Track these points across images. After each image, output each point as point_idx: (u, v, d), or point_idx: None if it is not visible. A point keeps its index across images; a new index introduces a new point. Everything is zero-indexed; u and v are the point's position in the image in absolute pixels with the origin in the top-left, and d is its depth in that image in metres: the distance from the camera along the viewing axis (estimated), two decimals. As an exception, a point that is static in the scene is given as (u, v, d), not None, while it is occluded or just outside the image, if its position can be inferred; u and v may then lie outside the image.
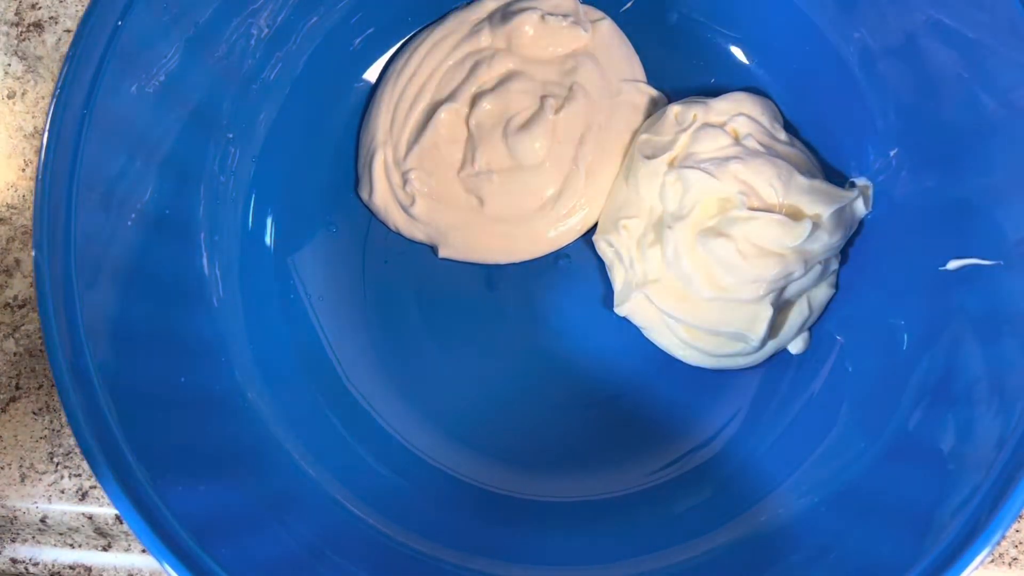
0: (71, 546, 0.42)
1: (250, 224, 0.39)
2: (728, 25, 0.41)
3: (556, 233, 0.40)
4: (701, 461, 0.38)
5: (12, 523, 0.41)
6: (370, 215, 0.41)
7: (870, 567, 0.30)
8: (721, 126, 0.38)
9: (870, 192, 0.37)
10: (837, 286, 0.38)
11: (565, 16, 0.40)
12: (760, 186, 0.36)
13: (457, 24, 0.41)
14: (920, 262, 0.35)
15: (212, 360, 0.36)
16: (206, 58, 0.35)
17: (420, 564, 0.35)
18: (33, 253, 0.29)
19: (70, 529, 0.41)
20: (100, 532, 0.41)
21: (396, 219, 0.40)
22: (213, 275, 0.37)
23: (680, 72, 0.41)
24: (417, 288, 0.40)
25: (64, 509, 0.41)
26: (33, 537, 0.42)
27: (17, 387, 0.42)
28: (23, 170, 0.43)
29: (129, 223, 0.33)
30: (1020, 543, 0.39)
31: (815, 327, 0.39)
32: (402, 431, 0.39)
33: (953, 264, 0.33)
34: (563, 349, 0.40)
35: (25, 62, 0.44)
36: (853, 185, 0.38)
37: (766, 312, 0.36)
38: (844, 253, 0.38)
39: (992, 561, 0.39)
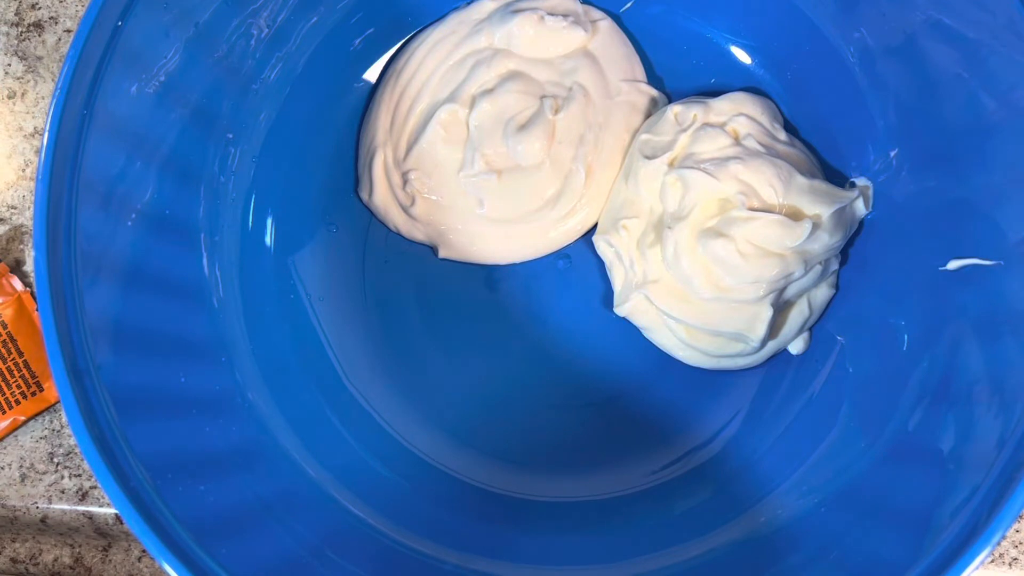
0: (71, 546, 0.42)
1: (250, 224, 0.39)
2: (728, 25, 0.41)
3: (556, 233, 0.40)
4: (701, 461, 0.38)
5: (12, 523, 0.41)
6: (370, 215, 0.41)
7: (870, 567, 0.30)
8: (721, 126, 0.38)
9: (870, 192, 0.37)
10: (837, 286, 0.38)
11: (565, 16, 0.40)
12: (760, 186, 0.36)
13: (457, 24, 0.41)
14: (920, 262, 0.35)
15: (212, 360, 0.35)
16: (206, 58, 0.35)
17: (420, 564, 0.35)
18: (33, 253, 0.29)
19: (70, 529, 0.41)
20: (100, 532, 0.41)
21: (396, 219, 0.40)
22: (213, 275, 0.37)
23: (680, 72, 0.42)
24: (417, 288, 0.40)
25: (64, 509, 0.41)
26: (33, 537, 0.42)
27: (17, 387, 0.42)
28: (23, 170, 0.43)
29: (129, 223, 0.33)
30: (1020, 543, 0.39)
31: (815, 327, 0.39)
32: (402, 431, 0.39)
33: (953, 264, 0.33)
34: (563, 349, 0.40)
35: (25, 62, 0.44)
36: (853, 185, 0.38)
37: (766, 313, 0.36)
38: (844, 253, 0.38)
39: (992, 561, 0.39)
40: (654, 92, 0.41)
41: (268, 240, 0.40)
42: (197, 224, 0.37)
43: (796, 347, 0.38)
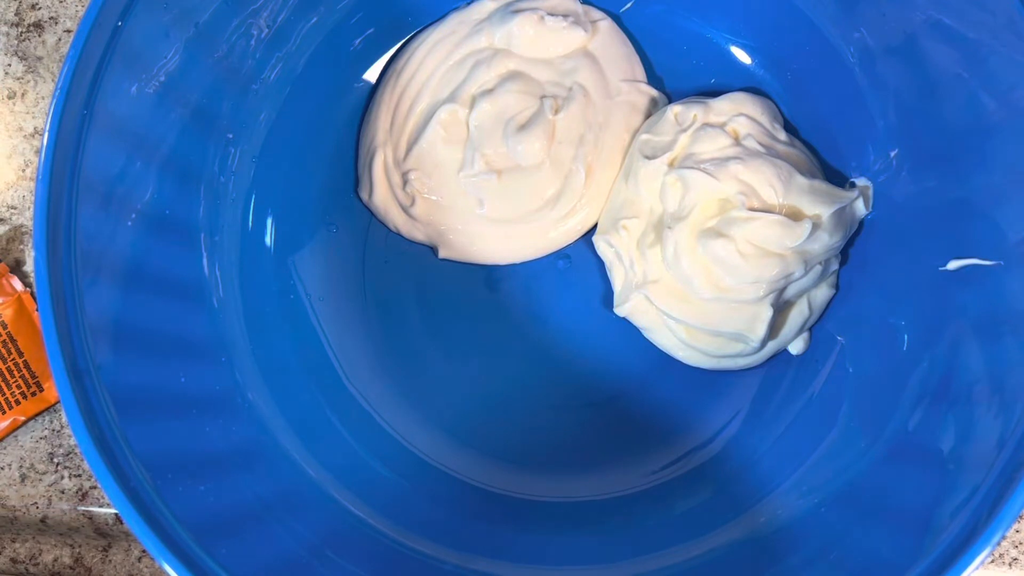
0: (71, 546, 0.42)
1: (250, 224, 0.39)
2: (728, 25, 0.41)
3: (556, 233, 0.40)
4: (701, 461, 0.38)
5: (12, 523, 0.41)
6: (370, 215, 0.41)
7: (870, 567, 0.30)
8: (721, 126, 0.38)
9: (870, 192, 0.37)
10: (837, 286, 0.38)
11: (565, 16, 0.40)
12: (760, 186, 0.36)
13: (457, 24, 0.41)
14: (920, 262, 0.35)
15: (212, 360, 0.35)
16: (206, 58, 0.35)
17: (420, 564, 0.35)
18: (33, 253, 0.29)
19: (70, 529, 0.41)
20: (100, 532, 0.41)
21: (396, 219, 0.40)
22: (213, 275, 0.37)
23: (680, 72, 0.42)
24: (417, 288, 0.40)
25: (64, 509, 0.41)
26: (33, 537, 0.42)
27: (17, 387, 0.42)
28: (23, 170, 0.43)
29: (129, 223, 0.33)
30: (1020, 543, 0.39)
31: (815, 327, 0.39)
32: (402, 431, 0.39)
33: (953, 264, 0.33)
34: (563, 349, 0.40)
35: (25, 62, 0.44)
36: (853, 185, 0.38)
37: (766, 313, 0.36)
38: (844, 253, 0.38)
39: (992, 561, 0.39)
40: (654, 92, 0.41)
41: (268, 240, 0.40)
42: (197, 224, 0.37)
43: (796, 347, 0.38)
